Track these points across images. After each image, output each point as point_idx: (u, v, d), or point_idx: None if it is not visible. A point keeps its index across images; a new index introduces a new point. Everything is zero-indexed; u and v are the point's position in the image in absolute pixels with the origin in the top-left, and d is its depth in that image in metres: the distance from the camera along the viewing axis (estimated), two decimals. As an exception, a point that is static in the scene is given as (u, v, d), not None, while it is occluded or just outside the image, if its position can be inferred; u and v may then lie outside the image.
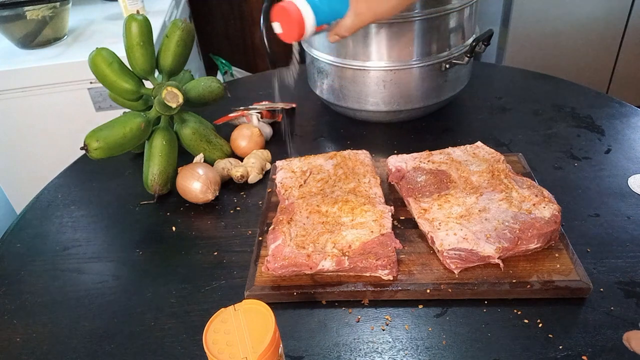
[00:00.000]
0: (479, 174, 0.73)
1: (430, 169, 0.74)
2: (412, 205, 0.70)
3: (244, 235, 0.75)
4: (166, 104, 0.80)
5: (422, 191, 0.71)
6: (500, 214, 0.64)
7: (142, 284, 0.68)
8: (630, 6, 1.99)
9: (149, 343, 0.60)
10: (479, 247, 0.61)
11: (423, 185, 0.72)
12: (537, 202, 0.66)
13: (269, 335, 0.44)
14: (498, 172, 0.72)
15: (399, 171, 0.76)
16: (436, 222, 0.66)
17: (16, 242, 0.78)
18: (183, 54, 0.85)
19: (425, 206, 0.69)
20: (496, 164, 0.74)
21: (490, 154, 0.77)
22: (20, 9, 1.38)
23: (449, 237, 0.63)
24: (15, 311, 0.66)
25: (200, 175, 0.79)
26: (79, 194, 0.89)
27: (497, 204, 0.66)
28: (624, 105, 0.99)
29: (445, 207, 0.68)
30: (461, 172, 0.73)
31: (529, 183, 0.70)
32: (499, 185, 0.70)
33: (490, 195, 0.68)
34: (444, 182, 0.72)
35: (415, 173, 0.74)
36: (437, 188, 0.71)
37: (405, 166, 0.76)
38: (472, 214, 0.65)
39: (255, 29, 2.50)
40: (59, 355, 0.59)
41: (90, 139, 0.75)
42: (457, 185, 0.71)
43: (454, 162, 0.75)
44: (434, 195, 0.70)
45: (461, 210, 0.66)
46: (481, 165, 0.75)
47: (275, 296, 0.62)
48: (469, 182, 0.72)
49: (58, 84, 1.37)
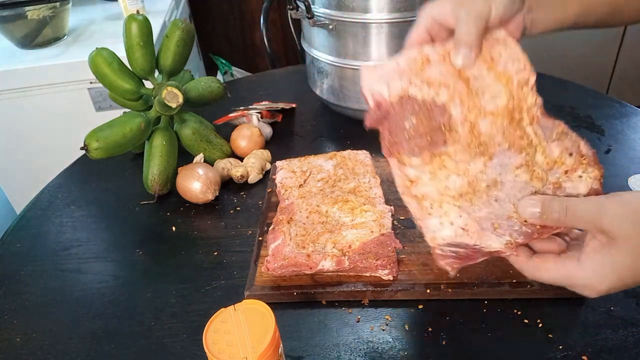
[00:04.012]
0: (493, 117, 0.48)
1: (423, 99, 0.48)
2: (396, 171, 0.48)
3: (244, 235, 0.74)
4: (166, 104, 0.80)
5: (409, 145, 0.48)
6: (517, 192, 0.46)
7: (142, 284, 0.68)
8: (630, 6, 1.98)
9: (149, 343, 0.60)
10: (482, 242, 0.46)
11: (412, 134, 0.48)
12: (571, 169, 0.47)
13: (269, 335, 0.44)
14: (521, 111, 0.48)
15: (379, 106, 0.48)
16: (426, 201, 0.47)
17: (16, 242, 0.78)
18: (183, 54, 0.85)
19: (413, 175, 0.47)
20: (521, 90, 0.49)
21: (516, 65, 0.49)
22: (20, 9, 1.38)
23: (444, 227, 0.46)
24: (15, 311, 0.66)
25: (200, 175, 0.79)
26: (79, 194, 0.89)
27: (513, 174, 0.47)
28: (624, 105, 0.99)
29: (440, 176, 0.47)
30: (468, 107, 0.48)
31: (561, 129, 0.48)
32: (520, 140, 0.47)
33: (504, 158, 0.47)
34: (441, 131, 0.47)
35: (403, 110, 0.47)
36: (430, 141, 0.47)
37: (388, 94, 0.48)
38: (477, 191, 0.47)
39: (255, 29, 2.50)
40: (59, 355, 0.59)
41: (90, 139, 0.75)
42: (458, 136, 0.47)
43: (460, 82, 0.48)
44: (424, 154, 0.47)
45: (462, 183, 0.47)
46: (499, 93, 0.49)
47: (275, 296, 0.62)
48: (476, 132, 0.48)
49: (58, 84, 1.37)
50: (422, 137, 0.47)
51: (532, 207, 0.44)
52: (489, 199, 0.46)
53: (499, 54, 0.49)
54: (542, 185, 0.47)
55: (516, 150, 0.47)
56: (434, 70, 0.48)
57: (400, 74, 0.48)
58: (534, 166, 0.47)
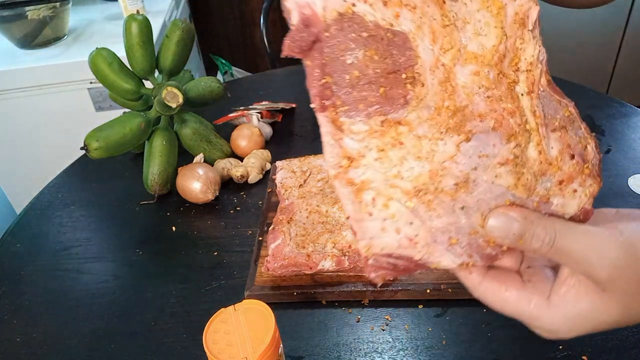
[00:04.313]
0: (477, 64, 0.32)
1: (376, 23, 0.31)
2: (328, 138, 0.32)
3: (244, 235, 0.74)
4: (166, 104, 0.80)
5: (351, 95, 0.31)
6: (492, 200, 0.33)
7: (142, 284, 0.68)
8: (630, 6, 1.99)
9: (149, 343, 0.60)
10: (431, 257, 0.34)
11: (355, 78, 0.31)
12: (567, 179, 0.34)
13: (269, 335, 0.44)
14: (516, 64, 0.33)
15: (307, 24, 0.31)
16: (367, 193, 0.32)
17: (16, 242, 0.78)
18: (183, 54, 0.85)
19: (354, 149, 0.32)
20: (518, 30, 0.33)
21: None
22: (20, 9, 1.38)
23: (386, 234, 0.33)
24: (15, 311, 0.66)
25: (200, 175, 0.79)
26: (79, 194, 0.89)
27: (493, 173, 0.32)
28: (624, 105, 0.99)
29: (392, 157, 0.32)
30: (442, 44, 0.32)
31: (567, 113, 0.34)
32: (509, 117, 0.32)
33: (485, 144, 0.32)
34: (400, 80, 0.31)
35: (344, 36, 0.31)
36: (383, 96, 0.31)
37: (322, 7, 0.30)
38: (440, 191, 0.32)
39: (255, 29, 2.50)
40: (59, 355, 0.59)
41: (90, 139, 0.75)
42: (425, 93, 0.31)
43: (432, 4, 0.31)
44: (373, 117, 0.31)
45: (421, 172, 0.32)
46: (485, 27, 0.32)
47: (275, 296, 0.62)
48: (450, 87, 0.32)
49: (58, 84, 1.37)
50: (372, 86, 0.31)
51: (508, 226, 0.32)
52: (454, 204, 0.32)
53: None
54: (527, 196, 0.33)
55: (504, 135, 0.32)
56: None
57: None
58: (523, 166, 0.32)
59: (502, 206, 0.33)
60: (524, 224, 0.32)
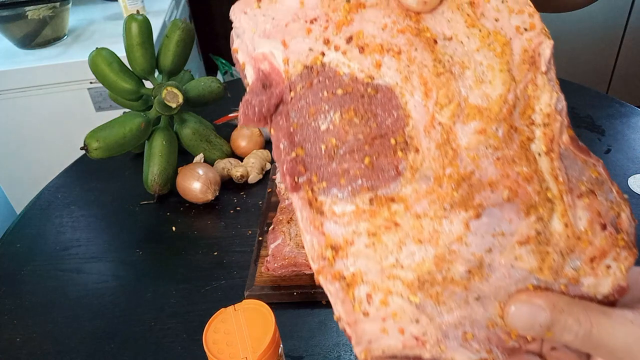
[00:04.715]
0: (481, 120, 0.26)
1: (352, 76, 0.25)
2: (307, 225, 0.27)
3: (244, 235, 0.74)
4: (166, 104, 0.80)
5: (330, 169, 0.26)
6: (512, 285, 0.27)
7: (142, 284, 0.68)
8: (630, 6, 1.99)
9: (149, 343, 0.60)
10: (443, 355, 0.28)
11: (332, 148, 0.26)
12: (599, 255, 0.27)
13: (269, 335, 0.44)
14: (528, 117, 0.26)
15: (266, 82, 0.26)
16: (361, 289, 0.27)
17: (16, 242, 0.78)
18: (183, 54, 0.85)
19: (339, 235, 0.26)
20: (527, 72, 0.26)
21: (518, 19, 0.26)
22: (20, 9, 1.38)
23: (389, 336, 0.27)
24: (15, 311, 0.66)
25: (200, 175, 0.79)
26: (79, 194, 0.89)
27: (512, 254, 0.26)
28: (624, 105, 0.99)
29: (387, 243, 0.26)
30: (437, 97, 0.26)
31: (596, 176, 0.27)
32: (526, 183, 0.26)
33: (499, 219, 0.26)
34: (389, 146, 0.26)
35: (314, 95, 0.25)
36: (369, 167, 0.26)
37: (284, 59, 0.26)
38: (450, 281, 0.26)
39: (255, 29, 2.49)
40: (59, 355, 0.59)
41: (90, 139, 0.75)
42: (421, 160, 0.26)
43: (421, 46, 0.26)
44: (360, 195, 0.26)
45: (425, 258, 0.26)
46: (489, 72, 0.26)
47: (275, 296, 0.62)
48: (451, 150, 0.26)
49: (58, 84, 1.37)
50: (354, 155, 0.25)
51: (533, 316, 0.26)
52: (467, 294, 0.26)
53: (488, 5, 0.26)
54: (555, 279, 0.27)
55: (521, 207, 0.26)
56: (371, 19, 0.26)
57: (306, 23, 0.26)
58: (547, 244, 0.26)
59: (524, 291, 0.27)
60: (552, 313, 0.26)
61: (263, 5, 0.27)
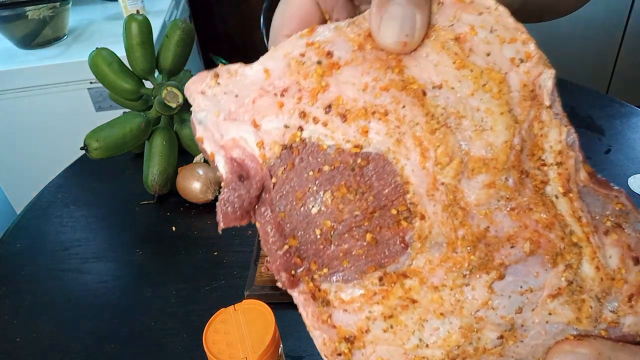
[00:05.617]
0: (488, 172, 0.23)
1: (340, 150, 0.23)
2: (313, 321, 0.24)
3: (244, 235, 0.74)
4: (166, 104, 0.80)
5: (330, 254, 0.24)
6: (551, 339, 0.24)
7: (142, 284, 0.68)
8: (630, 6, 1.99)
9: (149, 343, 0.60)
10: None
11: (327, 231, 0.23)
12: (636, 292, 0.24)
13: (269, 335, 0.44)
14: (541, 162, 0.23)
15: (242, 173, 0.23)
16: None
17: (16, 242, 0.78)
18: (183, 54, 0.85)
19: (352, 324, 0.24)
20: (529, 107, 0.23)
21: (511, 49, 0.23)
22: (20, 9, 1.38)
23: None
24: (15, 311, 0.66)
25: (200, 175, 0.79)
26: (79, 194, 0.89)
27: (544, 310, 0.24)
28: (624, 105, 0.99)
29: (406, 322, 0.24)
30: (436, 157, 0.23)
31: (620, 207, 0.24)
32: (549, 230, 0.23)
33: (524, 275, 0.24)
34: (391, 217, 0.23)
35: (298, 177, 0.23)
36: (373, 244, 0.23)
37: (257, 144, 0.23)
38: (484, 350, 0.24)
39: (255, 29, 2.50)
40: (59, 355, 0.59)
41: (90, 139, 0.75)
42: (429, 226, 0.23)
43: (408, 101, 0.23)
44: (368, 275, 0.23)
45: (452, 331, 0.24)
46: (488, 116, 0.23)
47: (275, 296, 0.62)
48: (462, 212, 0.23)
49: (58, 84, 1.37)
50: (354, 234, 0.23)
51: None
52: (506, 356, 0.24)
53: (470, 28, 0.23)
54: (595, 326, 0.24)
55: (546, 258, 0.23)
56: (349, 80, 0.23)
57: (276, 97, 0.23)
58: (581, 292, 0.24)
59: (566, 341, 0.25)
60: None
61: (222, 82, 0.23)
